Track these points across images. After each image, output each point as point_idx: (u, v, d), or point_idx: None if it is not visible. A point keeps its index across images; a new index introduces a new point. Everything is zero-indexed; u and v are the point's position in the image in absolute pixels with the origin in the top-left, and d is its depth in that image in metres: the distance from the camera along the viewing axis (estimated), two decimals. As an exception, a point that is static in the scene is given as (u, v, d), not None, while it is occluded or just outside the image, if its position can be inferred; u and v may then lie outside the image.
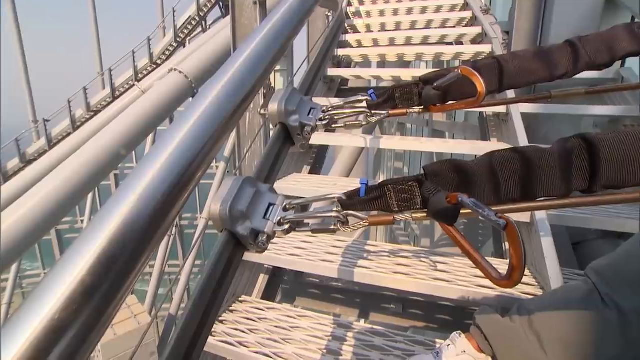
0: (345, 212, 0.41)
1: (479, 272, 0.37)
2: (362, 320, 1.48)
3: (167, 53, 10.86)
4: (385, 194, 0.40)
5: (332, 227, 0.42)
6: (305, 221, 0.45)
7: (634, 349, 0.70)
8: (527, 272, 1.13)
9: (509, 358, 0.78)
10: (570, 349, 0.71)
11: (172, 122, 0.41)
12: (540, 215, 1.15)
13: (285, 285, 1.53)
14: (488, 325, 0.82)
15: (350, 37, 2.64)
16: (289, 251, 1.26)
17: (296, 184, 1.54)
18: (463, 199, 0.33)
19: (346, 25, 2.81)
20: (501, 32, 2.35)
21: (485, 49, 2.21)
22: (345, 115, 0.60)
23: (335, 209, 0.42)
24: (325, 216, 0.42)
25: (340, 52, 2.43)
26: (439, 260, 1.18)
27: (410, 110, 0.59)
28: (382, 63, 3.86)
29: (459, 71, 0.52)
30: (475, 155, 0.42)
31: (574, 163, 0.36)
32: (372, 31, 2.88)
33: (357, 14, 3.03)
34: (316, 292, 1.53)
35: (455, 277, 1.08)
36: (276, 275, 1.48)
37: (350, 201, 0.42)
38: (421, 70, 2.56)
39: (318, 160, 1.94)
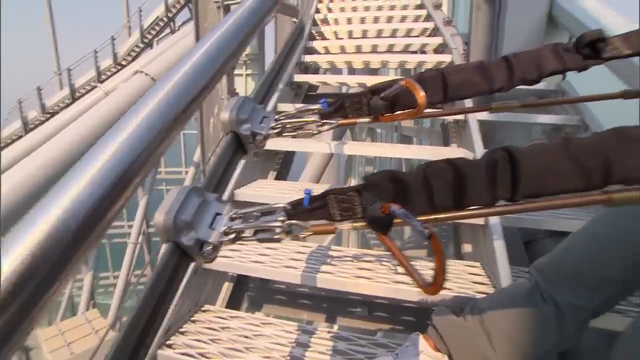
0: (288, 221, 0.42)
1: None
2: (330, 325, 1.49)
3: (132, 54, 10.47)
4: (328, 203, 0.42)
5: (277, 236, 0.42)
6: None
7: (568, 342, 0.75)
8: (482, 272, 1.19)
9: (463, 356, 0.82)
10: (515, 346, 0.76)
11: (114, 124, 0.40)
12: (494, 219, 1.21)
13: (251, 292, 1.51)
14: (443, 325, 0.85)
15: (317, 44, 2.67)
16: (253, 258, 1.25)
17: (261, 190, 1.53)
18: (395, 210, 0.34)
19: (314, 32, 2.84)
20: (462, 43, 2.47)
21: (446, 58, 2.30)
22: (297, 124, 0.60)
23: (279, 219, 0.43)
24: (269, 226, 0.42)
25: (307, 58, 2.45)
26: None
27: (359, 120, 0.61)
28: (353, 70, 3.93)
29: (403, 83, 0.54)
30: None
31: (497, 174, 0.38)
32: (341, 38, 2.93)
33: (325, 21, 3.07)
34: (283, 298, 1.52)
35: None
36: (241, 282, 1.46)
37: (294, 210, 0.43)
38: (389, 77, 2.63)
39: (285, 166, 1.93)
